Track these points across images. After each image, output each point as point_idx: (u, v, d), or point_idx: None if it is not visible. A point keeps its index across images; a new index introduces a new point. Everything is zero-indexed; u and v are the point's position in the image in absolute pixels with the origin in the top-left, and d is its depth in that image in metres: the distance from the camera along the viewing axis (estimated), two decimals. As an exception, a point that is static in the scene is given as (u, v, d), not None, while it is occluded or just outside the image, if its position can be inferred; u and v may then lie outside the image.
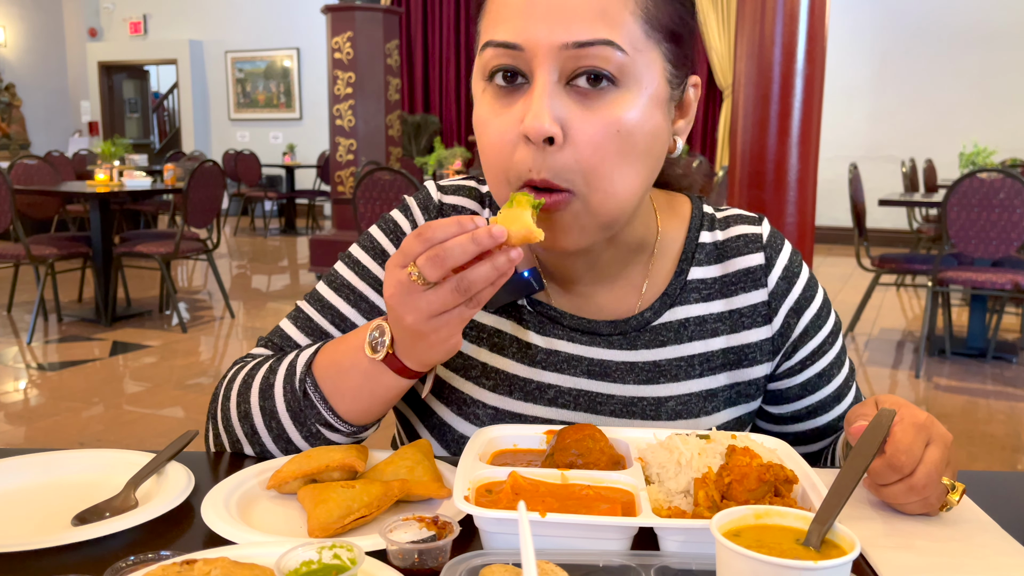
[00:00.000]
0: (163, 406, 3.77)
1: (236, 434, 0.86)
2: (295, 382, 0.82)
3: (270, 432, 0.84)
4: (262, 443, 0.85)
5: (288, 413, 0.82)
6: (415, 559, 0.65)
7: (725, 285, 0.90)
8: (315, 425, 0.82)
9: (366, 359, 0.78)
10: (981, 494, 0.84)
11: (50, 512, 0.79)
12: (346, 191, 6.81)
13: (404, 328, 0.73)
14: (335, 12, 6.72)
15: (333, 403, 0.80)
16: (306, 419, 0.82)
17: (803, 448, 0.97)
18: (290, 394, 0.82)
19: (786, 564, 0.53)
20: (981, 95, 8.58)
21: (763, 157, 2.70)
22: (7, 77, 11.62)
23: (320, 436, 0.82)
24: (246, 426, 0.85)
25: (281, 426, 0.83)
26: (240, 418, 0.85)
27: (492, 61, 0.74)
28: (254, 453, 0.87)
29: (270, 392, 0.83)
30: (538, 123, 0.70)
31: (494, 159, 0.75)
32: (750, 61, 2.71)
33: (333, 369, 0.81)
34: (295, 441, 0.83)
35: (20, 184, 5.46)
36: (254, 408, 0.84)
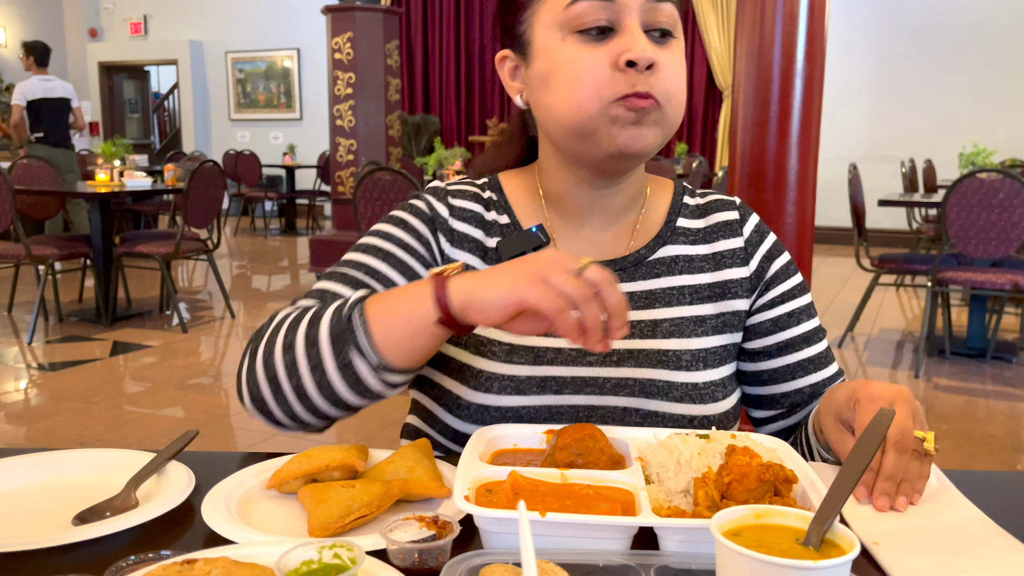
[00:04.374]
0: (163, 406, 3.77)
1: (275, 367, 0.84)
2: (344, 309, 0.82)
3: (308, 361, 0.82)
4: (298, 376, 0.83)
5: (329, 338, 0.81)
6: (415, 559, 0.65)
7: (707, 233, 1.05)
8: (349, 352, 0.80)
9: (417, 284, 0.81)
10: (981, 494, 0.84)
11: (50, 512, 0.79)
12: (346, 191, 6.81)
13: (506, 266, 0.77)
14: (335, 12, 6.72)
15: (372, 329, 0.80)
16: (343, 344, 0.81)
17: (775, 389, 1.05)
18: (335, 319, 0.82)
19: (786, 564, 0.53)
20: (981, 95, 8.58)
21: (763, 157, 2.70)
22: (7, 77, 11.61)
23: (350, 367, 0.81)
24: (288, 356, 0.84)
25: (319, 354, 0.82)
26: (284, 348, 0.84)
27: (587, 14, 0.89)
28: (288, 391, 0.84)
29: (318, 322, 0.83)
30: (647, 53, 0.88)
31: (592, 83, 0.89)
32: (749, 61, 2.70)
33: (383, 297, 0.82)
34: (328, 372, 0.81)
35: (21, 184, 5.46)
36: (299, 336, 0.83)
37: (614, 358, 0.97)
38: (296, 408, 0.85)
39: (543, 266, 0.74)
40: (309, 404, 0.84)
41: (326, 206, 11.42)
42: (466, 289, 0.77)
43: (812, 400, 1.04)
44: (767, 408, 1.06)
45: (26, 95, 7.03)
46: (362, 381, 0.81)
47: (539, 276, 0.73)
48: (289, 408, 0.85)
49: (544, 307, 0.72)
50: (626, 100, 0.88)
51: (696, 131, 9.87)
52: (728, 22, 9.24)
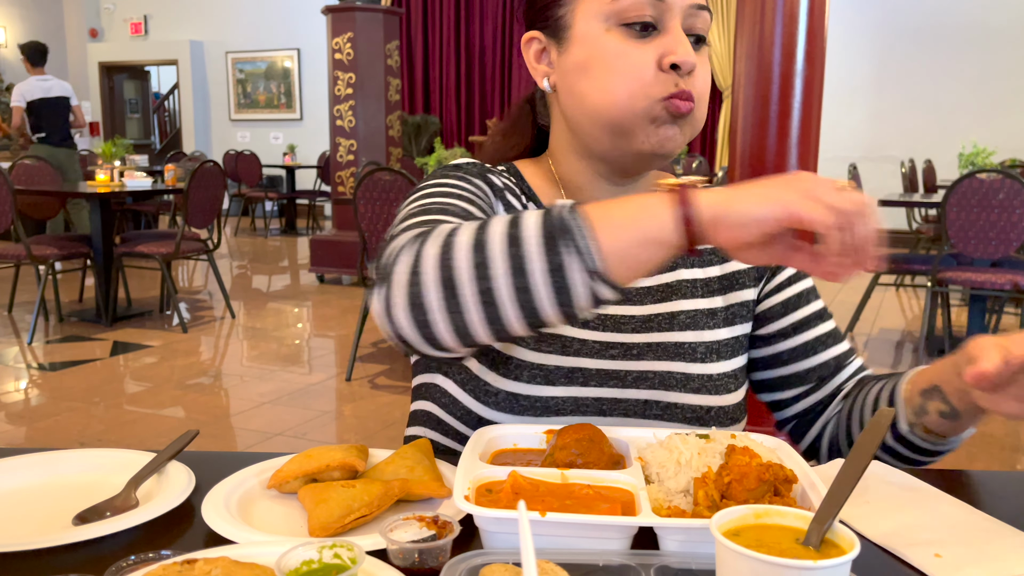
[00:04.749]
0: (163, 406, 3.77)
1: (457, 268, 0.72)
2: (555, 210, 0.73)
3: (509, 261, 0.71)
4: (490, 278, 0.71)
5: (540, 238, 0.71)
6: (415, 558, 0.65)
7: None
8: (565, 253, 0.70)
9: (644, 194, 0.74)
10: (981, 494, 0.84)
11: (50, 512, 0.79)
12: (346, 191, 6.81)
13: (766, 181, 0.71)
14: (335, 13, 6.71)
15: (597, 230, 0.71)
16: (559, 245, 0.70)
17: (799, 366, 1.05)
18: (546, 220, 0.72)
19: (786, 564, 0.53)
20: (980, 96, 8.58)
21: (762, 158, 2.70)
22: (7, 77, 11.61)
23: (561, 272, 0.70)
24: (478, 256, 0.72)
25: (524, 254, 0.71)
26: (473, 246, 0.72)
27: (635, 9, 0.90)
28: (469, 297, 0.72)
29: (518, 222, 0.73)
30: (692, 57, 0.90)
31: (632, 81, 0.90)
32: (749, 62, 2.70)
33: (606, 203, 0.74)
34: (533, 275, 0.70)
35: (21, 184, 5.46)
36: (494, 234, 0.73)
37: (634, 351, 0.97)
38: (471, 318, 0.72)
39: (809, 183, 0.69)
40: (491, 314, 0.72)
41: (326, 206, 11.42)
42: (718, 202, 0.70)
43: (838, 372, 1.05)
44: (796, 386, 1.06)
45: (25, 96, 7.03)
46: (570, 290, 0.70)
47: (809, 191, 0.68)
48: (460, 319, 0.73)
49: (818, 221, 0.67)
50: (670, 101, 0.90)
51: (696, 131, 9.86)
52: (728, 22, 9.24)
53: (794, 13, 2.63)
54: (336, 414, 3.75)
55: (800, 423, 1.08)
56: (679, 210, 0.70)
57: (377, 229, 4.07)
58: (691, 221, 0.70)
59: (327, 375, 4.26)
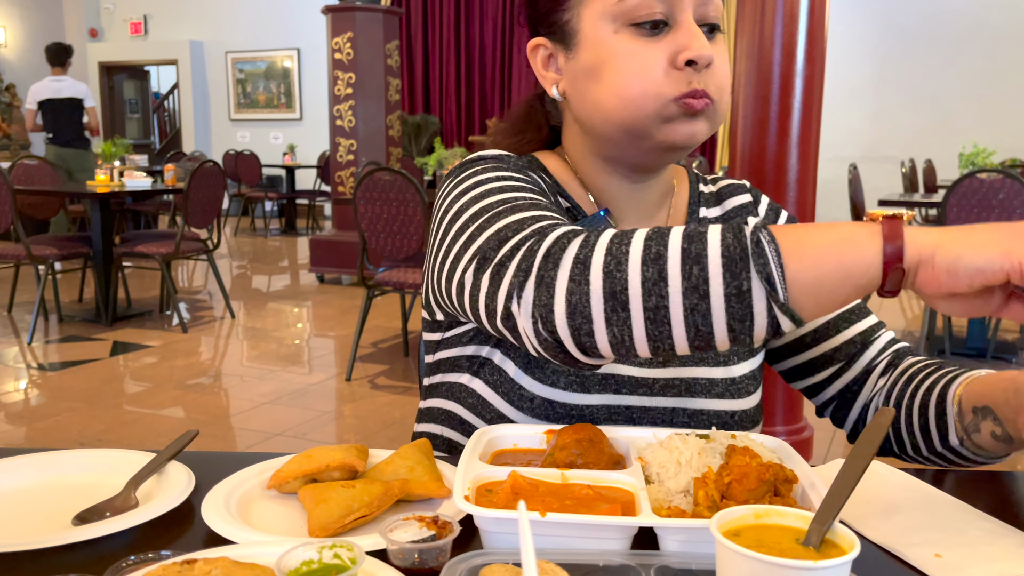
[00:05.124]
0: (163, 406, 3.77)
1: (626, 281, 0.68)
2: (743, 232, 0.68)
3: (685, 279, 0.67)
4: (663, 295, 0.67)
5: (722, 258, 0.67)
6: (415, 559, 0.65)
7: (726, 219, 1.07)
8: (751, 278, 0.66)
9: (855, 225, 0.68)
10: (981, 494, 0.84)
11: (50, 512, 0.79)
12: (346, 191, 6.81)
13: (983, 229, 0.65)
14: (335, 13, 6.71)
15: (786, 258, 0.66)
16: (744, 268, 0.66)
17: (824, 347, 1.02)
18: (732, 240, 0.68)
19: (786, 564, 0.53)
20: (981, 95, 8.58)
21: (763, 157, 2.70)
22: (7, 77, 11.61)
23: (746, 299, 0.66)
24: (651, 271, 0.68)
25: (704, 274, 0.67)
26: (646, 260, 0.69)
27: (642, 8, 0.88)
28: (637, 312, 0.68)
29: (700, 238, 0.69)
30: (706, 51, 0.87)
31: (644, 81, 0.88)
32: (750, 61, 2.70)
33: (799, 228, 0.69)
34: (711, 297, 0.66)
35: (21, 184, 5.46)
36: (672, 250, 0.68)
37: (660, 357, 0.96)
38: (635, 333, 0.69)
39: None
40: (658, 332, 0.69)
41: (326, 206, 11.42)
42: (931, 241, 0.64)
43: (865, 349, 1.02)
44: (824, 368, 1.03)
45: (36, 96, 7.06)
46: (750, 319, 0.66)
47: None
48: (623, 332, 0.69)
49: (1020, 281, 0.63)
50: (683, 100, 0.87)
51: (696, 131, 9.85)
52: (728, 22, 9.24)
53: (794, 13, 2.63)
54: (336, 414, 3.75)
55: (839, 405, 1.04)
56: (886, 246, 0.65)
57: (377, 229, 4.07)
58: (897, 259, 0.65)
59: (327, 375, 4.26)
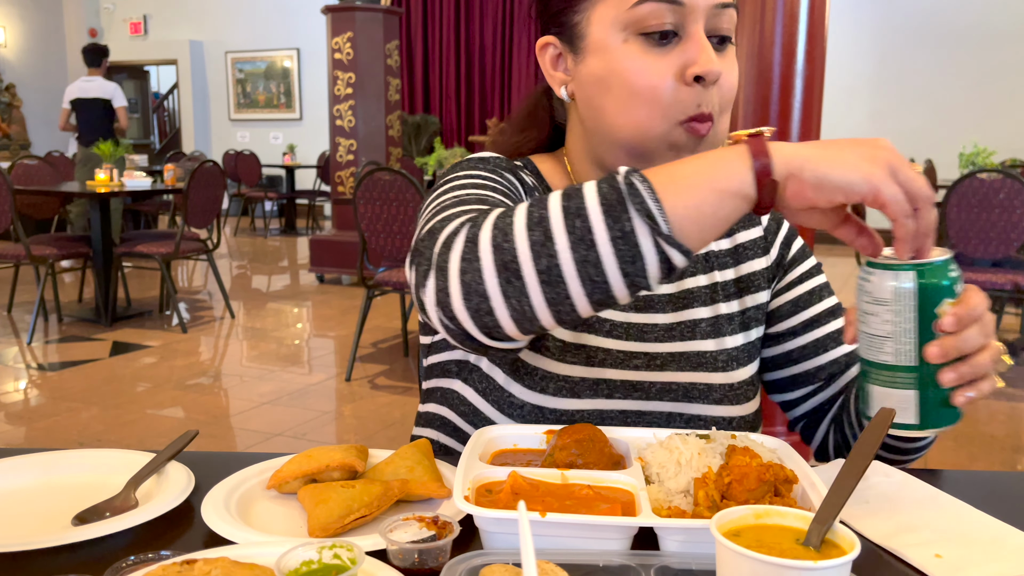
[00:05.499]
0: (163, 406, 3.77)
1: (514, 249, 0.68)
2: (616, 179, 0.68)
3: (570, 233, 0.66)
4: (552, 254, 0.67)
5: (602, 206, 0.66)
6: (415, 559, 0.65)
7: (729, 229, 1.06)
8: (632, 218, 0.66)
9: (722, 149, 0.69)
10: (981, 494, 0.84)
11: (50, 512, 0.79)
12: (346, 191, 6.81)
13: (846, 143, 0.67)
14: (335, 12, 6.71)
15: (661, 192, 0.66)
16: (623, 210, 0.66)
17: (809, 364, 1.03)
18: (607, 188, 0.67)
19: (786, 564, 0.53)
20: (981, 95, 8.58)
21: (763, 157, 2.70)
22: (7, 77, 11.61)
23: (631, 239, 0.66)
24: (537, 233, 0.68)
25: (587, 225, 0.66)
26: (530, 225, 0.68)
27: (653, 17, 0.85)
28: (530, 277, 0.68)
29: (577, 193, 0.68)
30: (715, 66, 0.84)
31: (651, 97, 0.86)
32: (750, 61, 2.70)
33: (669, 166, 0.70)
34: (599, 245, 0.66)
35: (20, 184, 5.46)
36: (553, 210, 0.68)
37: (658, 361, 0.96)
38: (534, 301, 0.68)
39: (891, 156, 0.65)
40: (556, 293, 0.68)
41: (326, 206, 11.42)
42: (798, 156, 0.66)
43: (848, 370, 1.02)
44: (804, 385, 1.04)
45: (68, 96, 7.18)
46: (641, 257, 0.66)
47: (891, 168, 0.64)
48: (522, 302, 0.69)
49: (897, 209, 0.65)
50: (689, 124, 0.86)
51: (696, 131, 9.85)
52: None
53: (794, 13, 2.63)
54: (336, 414, 3.75)
55: (809, 422, 1.06)
56: (754, 159, 0.66)
57: (377, 229, 4.07)
58: (768, 174, 0.66)
59: (327, 375, 4.26)
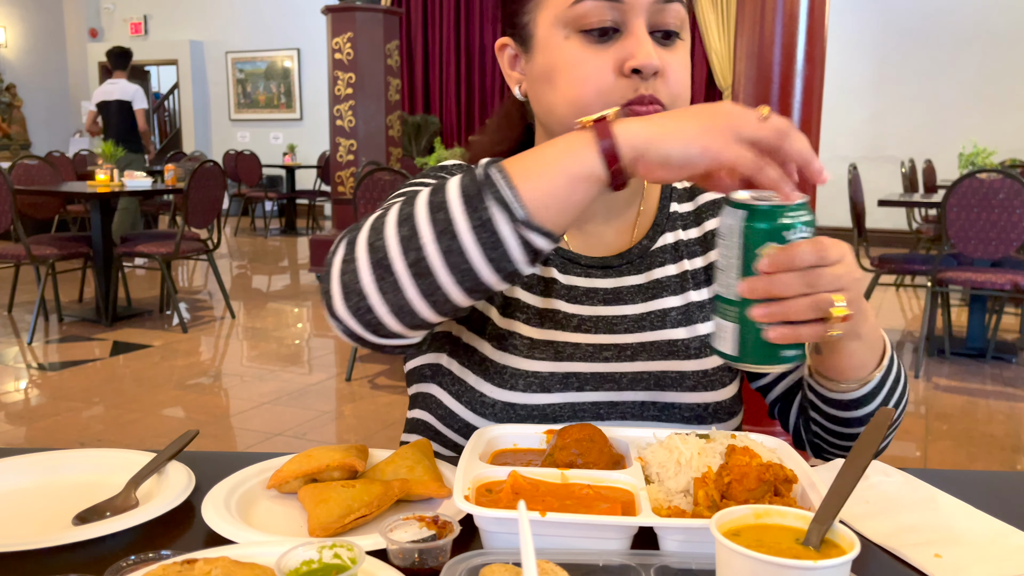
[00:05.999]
0: (163, 406, 3.77)
1: (386, 247, 0.72)
2: (476, 171, 0.72)
3: (434, 227, 0.70)
4: (419, 248, 0.71)
5: (462, 198, 0.70)
6: (415, 558, 0.65)
7: (697, 216, 1.07)
8: (489, 208, 0.69)
9: (571, 135, 0.72)
10: (981, 494, 0.84)
11: (50, 512, 0.79)
12: (346, 191, 6.81)
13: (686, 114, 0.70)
14: (335, 13, 6.71)
15: (516, 180, 0.70)
16: (481, 201, 0.70)
17: None
18: (468, 180, 0.72)
19: (786, 564, 0.53)
20: (981, 96, 8.58)
21: (763, 157, 2.70)
22: (8, 77, 11.62)
23: (489, 227, 0.69)
24: (405, 229, 0.72)
25: (449, 217, 0.70)
26: (400, 222, 0.73)
27: (592, 15, 0.87)
28: (402, 272, 0.72)
29: (442, 188, 0.73)
30: (652, 60, 0.86)
31: (594, 88, 0.87)
32: (750, 62, 2.70)
33: (525, 155, 0.73)
34: (460, 235, 0.69)
35: (21, 184, 5.46)
36: (420, 206, 0.72)
37: (628, 352, 0.97)
38: (408, 294, 0.72)
39: (732, 119, 0.68)
40: (427, 285, 0.72)
41: (326, 206, 11.41)
42: (641, 136, 0.69)
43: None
44: None
45: (94, 98, 7.38)
46: (502, 243, 0.69)
47: (732, 130, 0.68)
48: (397, 297, 0.72)
49: (744, 166, 0.68)
50: (629, 108, 0.87)
51: (696, 131, 9.85)
52: (728, 22, 9.24)
53: (794, 13, 2.63)
54: (336, 414, 3.75)
55: (783, 406, 1.07)
56: (600, 144, 0.70)
57: (377, 229, 4.07)
58: (614, 155, 0.69)
59: (327, 375, 4.26)
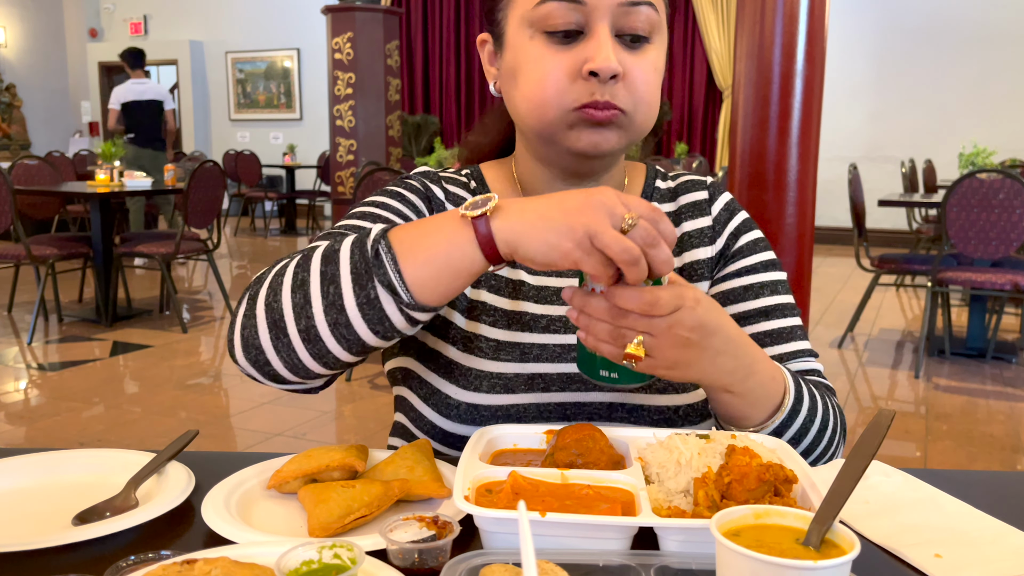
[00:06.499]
0: (163, 406, 3.77)
1: (281, 309, 0.77)
2: (366, 244, 0.76)
3: (324, 298, 0.76)
4: (309, 316, 0.76)
5: (351, 275, 0.75)
6: (415, 559, 0.65)
7: (676, 216, 1.06)
8: (376, 287, 0.74)
9: (455, 219, 0.75)
10: (981, 494, 0.84)
11: (50, 512, 0.79)
12: (346, 191, 6.81)
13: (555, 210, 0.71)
14: (335, 13, 6.71)
15: (402, 263, 0.74)
16: (368, 280, 0.74)
17: None
18: (357, 255, 0.76)
19: (786, 564, 0.53)
20: (981, 95, 8.58)
21: (763, 158, 2.70)
22: (8, 77, 11.62)
23: (376, 304, 0.75)
24: (298, 296, 0.77)
25: (339, 291, 0.75)
26: (294, 288, 0.78)
27: (555, 16, 0.87)
28: (294, 335, 0.77)
29: (335, 257, 0.77)
30: (610, 64, 0.85)
31: (550, 89, 0.88)
32: (750, 62, 2.71)
33: (413, 231, 0.76)
34: (348, 310, 0.75)
35: (21, 184, 5.46)
36: (313, 274, 0.77)
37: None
38: (300, 355, 0.78)
39: (592, 219, 0.70)
40: (318, 348, 0.78)
41: (326, 206, 11.42)
42: (511, 233, 0.73)
43: None
44: None
45: (120, 99, 7.31)
46: (387, 319, 0.76)
47: (588, 232, 0.69)
48: (291, 356, 0.79)
49: (589, 270, 0.71)
50: (583, 110, 0.88)
51: (696, 131, 9.87)
52: (728, 22, 9.24)
53: (794, 13, 2.63)
54: (336, 414, 3.75)
55: None
56: (478, 238, 0.73)
57: (377, 229, 4.07)
58: (492, 248, 0.73)
59: (327, 375, 4.25)
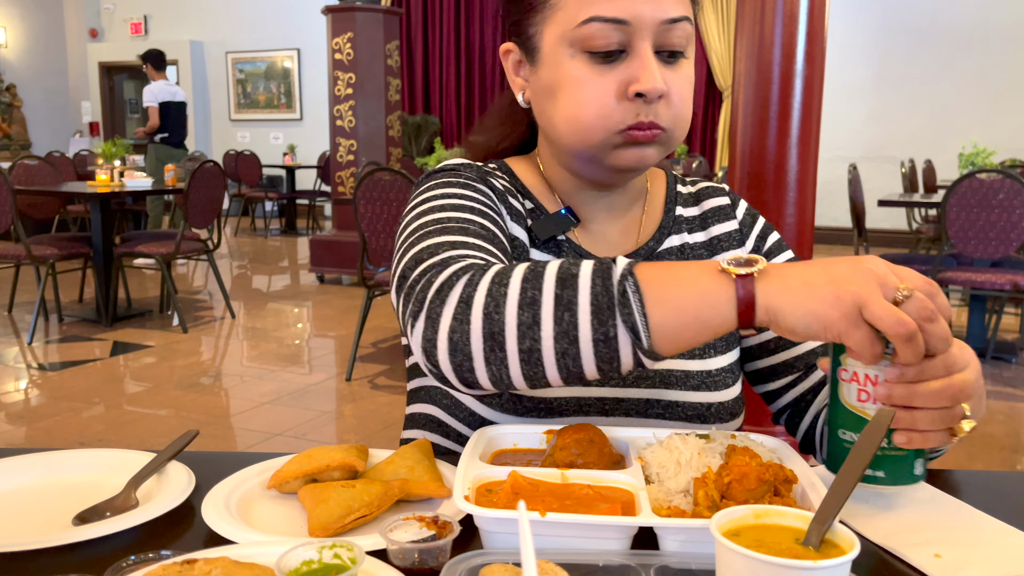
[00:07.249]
0: (163, 406, 3.77)
1: (503, 323, 0.73)
2: (612, 278, 0.72)
3: (557, 324, 0.72)
4: (536, 338, 0.72)
5: (591, 306, 0.71)
6: (415, 559, 0.65)
7: (703, 220, 1.09)
8: (617, 326, 0.71)
9: (713, 272, 0.72)
10: (981, 494, 0.84)
11: (50, 512, 0.79)
12: (346, 192, 6.81)
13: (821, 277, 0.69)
14: (335, 13, 6.71)
15: (649, 308, 0.71)
16: (610, 317, 0.71)
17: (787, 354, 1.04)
18: (600, 287, 0.72)
19: (786, 564, 0.53)
20: (980, 95, 8.58)
21: (763, 158, 2.70)
22: (8, 78, 11.62)
23: (613, 344, 0.71)
24: (527, 315, 0.72)
25: (575, 320, 0.71)
26: (522, 304, 0.73)
27: (598, 36, 0.87)
28: (513, 353, 0.73)
29: (573, 283, 0.73)
30: (656, 85, 0.87)
31: (595, 112, 0.89)
32: (749, 62, 2.70)
33: (664, 273, 0.73)
34: (581, 342, 0.71)
35: (21, 184, 5.46)
36: (546, 295, 0.73)
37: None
38: (511, 372, 0.74)
39: (862, 289, 0.67)
40: (535, 371, 0.74)
41: (326, 206, 11.42)
42: (774, 298, 0.70)
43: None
44: (784, 375, 1.05)
45: (157, 97, 7.37)
46: (619, 360, 0.72)
47: (857, 303, 0.67)
48: (501, 371, 0.74)
49: (854, 345, 0.68)
50: (628, 133, 0.89)
51: (696, 131, 9.87)
52: (728, 22, 9.24)
53: (794, 13, 2.63)
54: (336, 414, 3.75)
55: (792, 413, 1.06)
56: (739, 301, 0.70)
57: (377, 229, 4.07)
58: (750, 315, 0.70)
59: (327, 375, 4.26)
